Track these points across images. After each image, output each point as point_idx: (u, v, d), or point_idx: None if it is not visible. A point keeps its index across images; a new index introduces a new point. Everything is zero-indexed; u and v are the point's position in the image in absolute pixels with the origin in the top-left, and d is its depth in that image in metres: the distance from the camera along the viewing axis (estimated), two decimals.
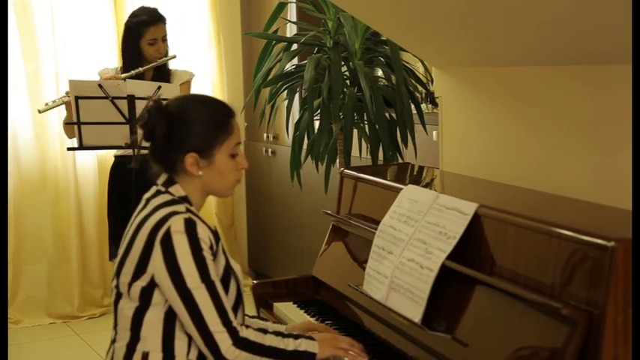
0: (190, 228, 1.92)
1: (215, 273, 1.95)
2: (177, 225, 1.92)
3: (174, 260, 1.90)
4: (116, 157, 3.95)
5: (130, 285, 1.96)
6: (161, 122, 1.99)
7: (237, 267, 2.10)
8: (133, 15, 3.93)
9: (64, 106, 3.80)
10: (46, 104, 3.81)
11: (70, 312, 4.84)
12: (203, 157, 2.01)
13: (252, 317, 2.30)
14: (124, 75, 3.83)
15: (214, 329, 1.91)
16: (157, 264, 1.92)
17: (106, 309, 4.93)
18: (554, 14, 2.14)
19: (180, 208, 1.98)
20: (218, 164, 2.03)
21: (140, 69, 3.84)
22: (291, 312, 2.58)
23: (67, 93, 3.71)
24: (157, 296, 1.95)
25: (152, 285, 1.94)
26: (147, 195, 2.08)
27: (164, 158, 2.04)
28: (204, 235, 1.94)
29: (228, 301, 1.97)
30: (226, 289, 2.01)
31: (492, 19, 2.37)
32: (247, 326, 2.01)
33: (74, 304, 4.84)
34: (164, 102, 2.05)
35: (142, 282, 1.94)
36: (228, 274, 2.03)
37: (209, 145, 2.01)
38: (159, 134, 2.00)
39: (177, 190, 2.03)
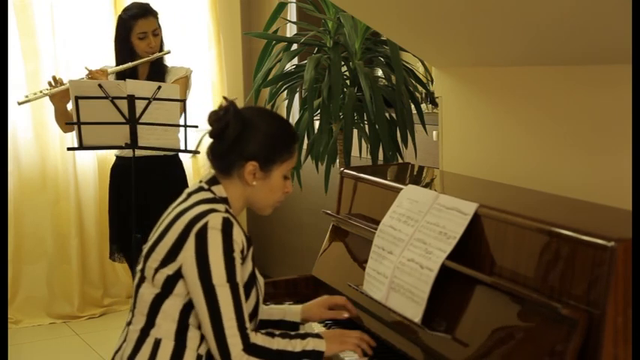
0: (227, 227, 1.95)
1: (241, 277, 1.97)
2: (214, 222, 1.95)
3: (205, 254, 1.93)
4: (117, 157, 3.94)
5: (156, 270, 1.99)
6: (237, 123, 2.02)
7: (260, 280, 2.14)
8: (124, 9, 3.91)
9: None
10: (26, 97, 3.79)
11: (70, 312, 4.84)
12: (263, 168, 2.06)
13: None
14: (111, 69, 3.81)
15: (229, 332, 1.92)
16: (187, 255, 1.94)
17: (106, 309, 4.94)
18: (554, 14, 2.14)
19: (220, 207, 2.01)
20: (273, 180, 2.08)
21: (130, 64, 3.81)
22: None
23: (50, 84, 3.69)
24: (179, 287, 1.97)
25: (177, 275, 1.96)
26: (189, 190, 2.11)
27: (224, 158, 2.06)
28: (238, 237, 1.97)
29: (247, 308, 1.99)
30: (247, 296, 2.02)
31: (492, 19, 2.36)
32: (256, 331, 2.02)
33: (74, 304, 4.84)
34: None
35: (169, 270, 1.97)
36: (251, 281, 2.05)
37: (271, 160, 2.06)
38: (230, 134, 2.02)
39: (219, 190, 2.06)
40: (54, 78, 3.73)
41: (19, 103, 3.80)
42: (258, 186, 2.07)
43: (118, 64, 3.85)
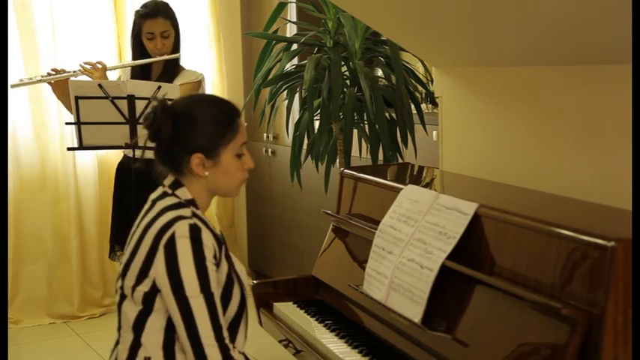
0: (195, 234, 1.91)
1: (216, 284, 1.93)
2: (182, 230, 1.90)
3: (175, 266, 1.89)
4: (125, 155, 3.93)
5: (133, 289, 1.95)
6: (167, 122, 1.97)
7: (241, 268, 2.07)
8: (141, 6, 3.90)
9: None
10: (21, 80, 3.79)
11: (70, 312, 4.84)
12: (209, 157, 2.00)
13: None
14: (110, 66, 3.81)
15: (206, 342, 1.88)
16: (158, 268, 1.90)
17: (106, 309, 4.93)
18: (554, 14, 2.14)
19: (186, 212, 1.96)
20: (224, 164, 2.02)
21: (130, 62, 3.82)
22: (291, 312, 2.59)
23: (48, 73, 3.74)
24: (159, 302, 1.93)
25: (154, 290, 1.93)
26: (153, 196, 2.06)
27: (170, 159, 2.02)
28: (208, 241, 1.92)
29: (224, 317, 1.95)
30: (229, 296, 1.99)
31: (492, 19, 2.37)
32: (243, 353, 1.99)
33: (74, 304, 4.84)
34: (169, 102, 2.03)
35: (145, 287, 1.93)
36: (231, 280, 2.00)
37: (215, 145, 2.00)
38: (165, 135, 1.98)
39: (184, 193, 2.02)
40: (55, 70, 3.74)
41: (12, 86, 3.83)
42: (211, 174, 2.01)
43: (133, 60, 3.87)
